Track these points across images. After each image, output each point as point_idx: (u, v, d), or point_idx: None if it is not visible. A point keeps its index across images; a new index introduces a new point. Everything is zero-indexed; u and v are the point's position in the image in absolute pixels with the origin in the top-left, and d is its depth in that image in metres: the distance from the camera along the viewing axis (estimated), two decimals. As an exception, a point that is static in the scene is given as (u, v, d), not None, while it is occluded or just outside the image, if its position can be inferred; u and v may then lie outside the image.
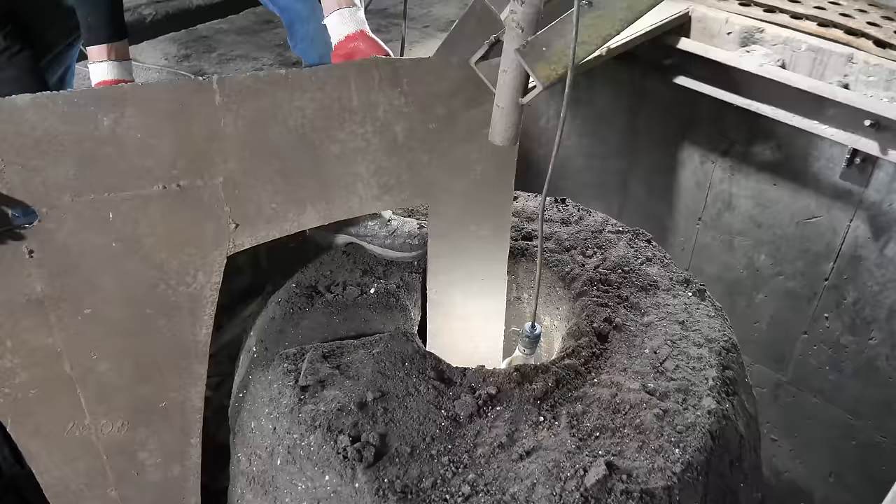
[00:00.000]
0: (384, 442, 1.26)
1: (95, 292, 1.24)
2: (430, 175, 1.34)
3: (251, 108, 1.14)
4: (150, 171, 1.16)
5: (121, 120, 1.12)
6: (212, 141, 1.15)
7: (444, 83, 1.22)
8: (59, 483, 1.44)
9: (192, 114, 1.13)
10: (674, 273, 1.68)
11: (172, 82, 1.15)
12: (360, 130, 1.22)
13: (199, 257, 1.25)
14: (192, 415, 1.41)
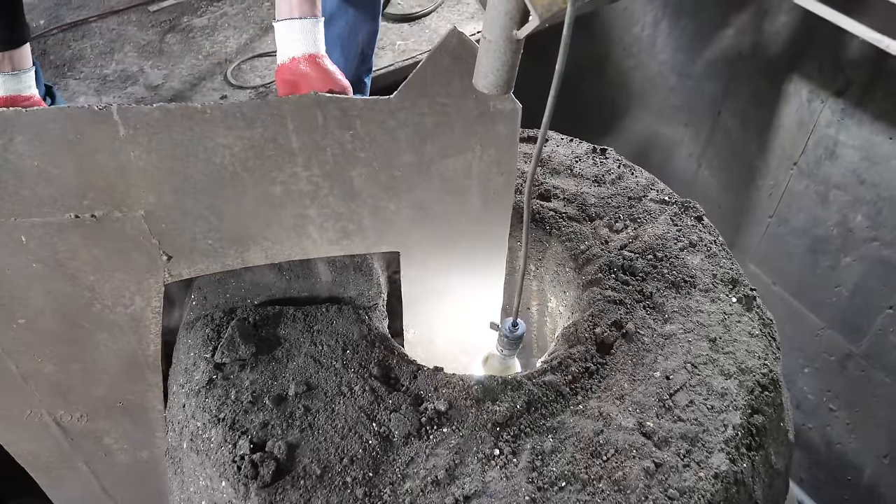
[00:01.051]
0: (292, 455, 1.22)
1: (25, 305, 1.37)
2: (400, 224, 1.31)
3: (164, 142, 1.12)
4: (57, 200, 1.20)
5: (10, 146, 1.13)
6: (122, 174, 1.15)
7: (410, 128, 1.13)
8: (30, 455, 1.74)
9: (94, 145, 1.12)
10: (720, 268, 1.60)
11: (64, 110, 1.10)
12: (304, 173, 1.18)
13: (133, 283, 1.33)
14: (153, 414, 1.60)
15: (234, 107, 1.08)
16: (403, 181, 1.23)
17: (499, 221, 1.36)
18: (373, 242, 1.34)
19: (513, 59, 1.05)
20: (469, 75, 1.03)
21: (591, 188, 1.77)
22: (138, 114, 1.08)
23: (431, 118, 1.13)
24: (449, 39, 1.03)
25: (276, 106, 1.09)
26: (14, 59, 1.29)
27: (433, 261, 1.37)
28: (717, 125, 2.55)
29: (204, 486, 1.27)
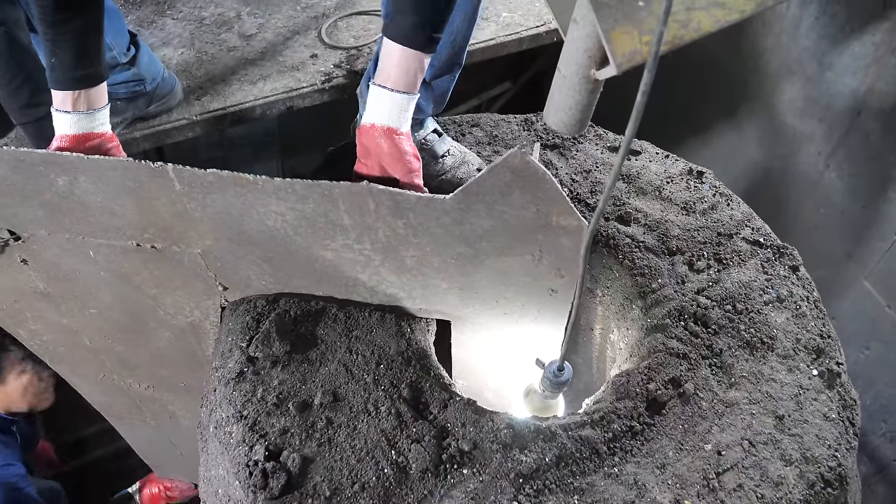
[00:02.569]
0: (305, 470, 1.20)
1: (96, 300, 1.51)
2: (451, 299, 1.31)
3: (218, 201, 1.16)
4: (120, 230, 1.28)
5: (76, 183, 1.20)
6: (179, 219, 1.21)
7: (465, 226, 1.11)
8: (105, 405, 1.96)
9: (152, 193, 1.18)
10: (807, 332, 1.52)
11: (123, 162, 1.14)
12: (356, 246, 1.20)
13: (192, 301, 1.43)
14: (208, 398, 1.73)
15: (287, 183, 1.10)
16: (456, 267, 1.24)
17: (558, 307, 1.34)
18: (422, 309, 1.37)
19: (588, 98, 1.00)
20: (531, 192, 0.99)
21: (677, 216, 1.68)
22: (193, 175, 1.13)
23: (488, 221, 1.12)
24: (512, 159, 0.99)
25: (328, 188, 1.11)
26: (90, 97, 1.32)
27: (484, 328, 1.38)
28: (855, 126, 2.32)
29: (221, 476, 1.31)
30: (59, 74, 1.26)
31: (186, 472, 2.30)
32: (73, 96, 1.28)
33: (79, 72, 1.27)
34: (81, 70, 1.27)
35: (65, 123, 1.28)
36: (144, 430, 2.07)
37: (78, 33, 1.25)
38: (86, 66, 1.27)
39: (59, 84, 1.27)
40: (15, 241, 1.37)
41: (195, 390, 1.78)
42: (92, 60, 1.28)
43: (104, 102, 1.31)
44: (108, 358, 1.71)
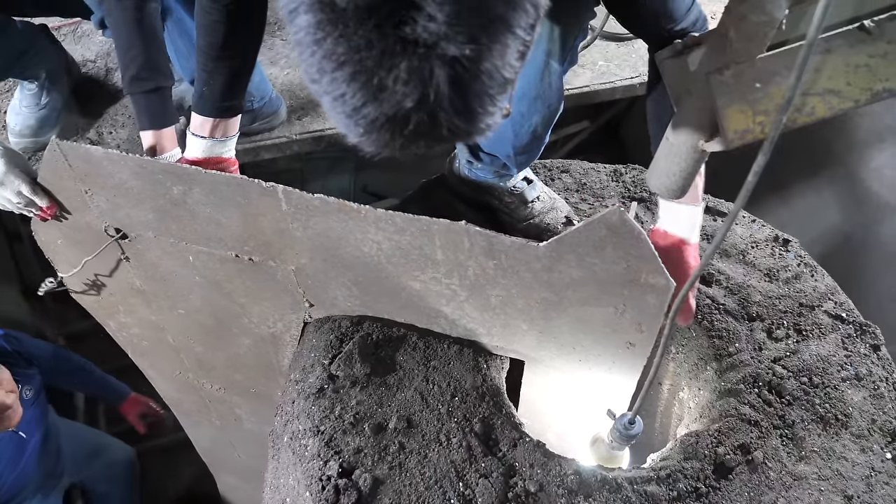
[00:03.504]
0: (375, 492, 1.25)
1: (186, 302, 1.60)
2: (528, 341, 1.35)
3: (320, 224, 1.23)
4: (223, 241, 1.36)
5: (189, 193, 1.30)
6: (281, 236, 1.29)
7: (554, 274, 1.16)
8: (176, 401, 2.06)
9: (259, 210, 1.26)
10: (883, 414, 1.51)
11: (236, 179, 1.24)
12: (445, 280, 1.25)
13: (278, 313, 1.50)
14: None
15: (388, 215, 1.17)
16: (539, 311, 1.28)
17: (633, 360, 1.36)
18: (499, 346, 1.41)
19: (693, 167, 1.04)
20: (624, 249, 1.03)
21: (759, 282, 1.69)
22: (300, 198, 1.20)
23: (577, 271, 1.16)
24: (610, 216, 1.03)
25: (427, 224, 1.17)
26: (227, 126, 1.43)
27: (557, 372, 1.41)
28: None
29: (291, 486, 1.35)
30: (207, 103, 1.38)
31: (242, 474, 2.38)
32: (212, 123, 1.39)
33: (225, 103, 1.39)
34: (227, 102, 1.39)
35: (198, 148, 1.41)
36: (208, 429, 2.16)
37: (233, 71, 1.37)
38: (231, 98, 1.39)
39: (204, 111, 1.39)
40: (122, 239, 1.48)
41: (264, 397, 1.86)
42: (238, 93, 1.41)
43: (236, 131, 1.43)
44: (187, 357, 1.81)
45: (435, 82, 0.68)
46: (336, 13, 0.66)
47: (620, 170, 1.88)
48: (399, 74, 0.67)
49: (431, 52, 0.66)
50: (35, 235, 1.59)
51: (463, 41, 0.66)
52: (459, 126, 0.73)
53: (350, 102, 0.71)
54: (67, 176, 1.38)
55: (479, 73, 0.69)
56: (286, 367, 1.68)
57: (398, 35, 0.66)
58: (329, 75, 0.70)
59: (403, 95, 0.69)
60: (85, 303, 1.73)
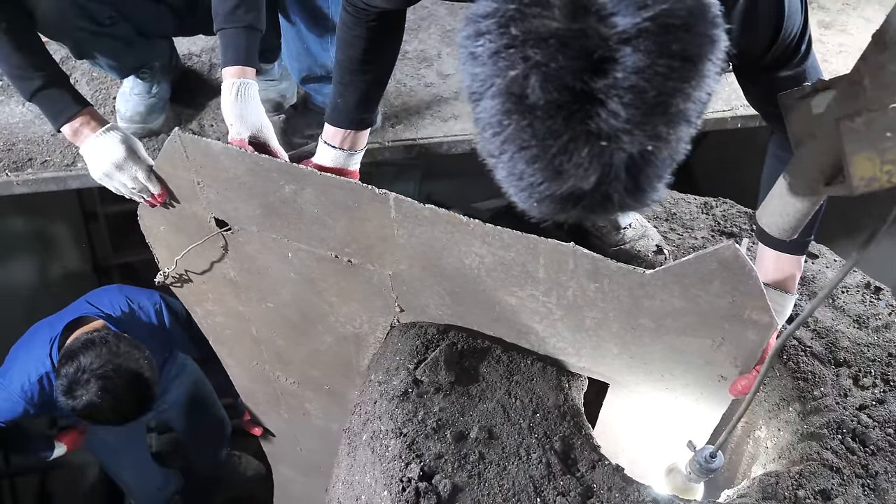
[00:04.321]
0: (453, 498, 1.27)
1: (276, 296, 1.66)
2: (617, 365, 1.38)
3: (426, 234, 1.27)
4: (325, 241, 1.42)
5: (301, 193, 1.35)
6: (384, 242, 1.34)
7: (656, 301, 1.18)
8: (247, 391, 2.13)
9: (367, 215, 1.31)
10: (966, 472, 1.50)
11: (350, 183, 1.30)
12: (542, 298, 1.28)
13: (366, 315, 1.56)
14: (350, 405, 1.86)
15: (496, 230, 1.21)
16: (633, 336, 1.30)
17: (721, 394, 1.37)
18: (585, 368, 1.44)
19: (808, 209, 1.05)
20: (732, 284, 1.05)
21: (848, 328, 1.68)
22: (411, 206, 1.25)
23: (680, 301, 1.18)
24: (723, 251, 1.05)
25: (534, 242, 1.21)
26: (356, 139, 1.50)
27: (640, 397, 1.43)
28: None
29: (368, 484, 1.37)
30: (340, 114, 1.46)
31: (301, 468, 2.45)
32: (342, 134, 1.47)
33: (356, 115, 1.46)
34: (359, 114, 1.46)
35: (327, 156, 1.48)
36: (275, 420, 2.23)
37: (368, 84, 1.44)
38: (363, 111, 1.47)
39: (336, 121, 1.47)
40: (225, 231, 1.56)
41: (337, 395, 1.92)
42: (371, 107, 1.48)
43: (365, 144, 1.49)
44: (266, 349, 1.88)
45: (614, 170, 0.73)
46: (524, 105, 0.72)
47: (711, 202, 1.90)
48: (580, 161, 0.73)
49: (613, 143, 0.72)
50: (140, 220, 1.68)
51: (644, 137, 0.72)
52: (630, 204, 0.79)
53: (528, 180, 0.77)
54: (183, 166, 1.46)
55: (655, 162, 0.75)
56: (365, 367, 1.73)
57: (584, 128, 0.71)
58: (509, 154, 0.76)
59: (581, 178, 0.74)
60: (177, 288, 1.82)
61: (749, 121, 2.18)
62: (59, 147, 1.98)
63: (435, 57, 2.23)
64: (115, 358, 2.09)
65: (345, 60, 1.40)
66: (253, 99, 1.49)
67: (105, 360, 2.08)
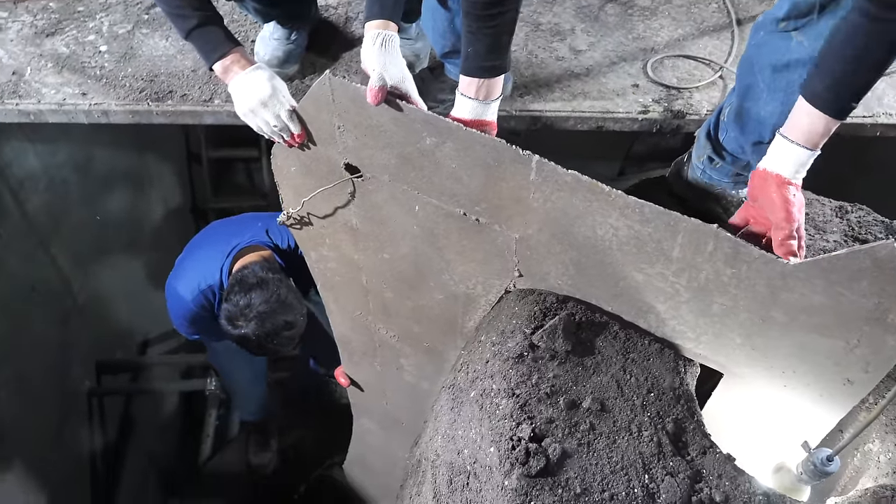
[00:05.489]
0: (562, 462, 1.30)
1: (394, 248, 1.72)
2: (736, 356, 1.37)
3: (562, 199, 1.30)
4: (456, 197, 1.46)
5: (441, 147, 1.40)
6: (517, 204, 1.37)
7: (793, 295, 1.17)
8: (346, 339, 2.22)
9: (505, 175, 1.34)
10: None
11: (493, 141, 1.33)
12: (671, 278, 1.29)
13: (482, 276, 1.59)
14: (447, 365, 1.92)
15: (637, 203, 1.23)
16: (761, 328, 1.29)
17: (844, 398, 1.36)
18: (701, 355, 1.43)
19: None
20: (881, 285, 1.04)
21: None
22: (553, 171, 1.28)
23: (820, 297, 1.17)
24: (880, 249, 1.04)
25: (676, 220, 1.21)
26: (490, 87, 1.53)
27: (754, 391, 1.43)
28: None
29: (472, 439, 1.42)
30: (471, 63, 1.50)
31: (382, 422, 2.54)
32: (477, 84, 1.50)
33: (487, 63, 1.49)
34: (489, 62, 1.49)
35: (465, 108, 1.52)
36: (367, 372, 2.31)
37: (495, 30, 1.47)
38: (494, 58, 1.50)
39: (469, 71, 1.51)
40: (356, 178, 1.63)
41: (434, 353, 1.98)
42: (501, 54, 1.50)
43: (498, 94, 1.53)
44: (373, 300, 1.95)
45: None
46: None
47: (846, 207, 1.85)
48: None
49: None
50: (272, 159, 1.76)
51: None
52: None
53: None
54: (327, 109, 1.53)
55: None
56: (469, 329, 1.78)
57: None
58: None
59: None
60: (296, 230, 1.91)
61: (889, 129, 2.11)
62: (198, 83, 2.09)
63: (568, 31, 2.24)
64: (278, 306, 2.37)
65: (470, 7, 1.44)
66: (395, 50, 1.54)
67: (270, 305, 2.36)
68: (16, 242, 2.88)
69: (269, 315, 2.37)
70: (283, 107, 1.58)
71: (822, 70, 1.30)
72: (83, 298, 3.45)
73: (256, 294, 2.38)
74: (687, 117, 1.98)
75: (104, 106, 2.00)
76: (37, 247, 3.08)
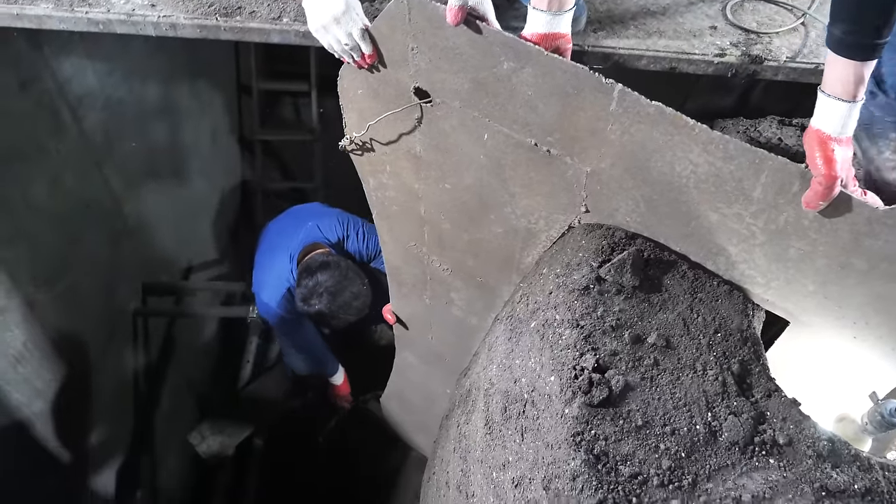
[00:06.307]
0: (624, 394, 1.30)
1: (457, 177, 1.72)
2: (806, 303, 1.34)
3: (641, 133, 1.27)
4: (529, 126, 1.45)
5: (519, 72, 1.38)
6: (593, 136, 1.35)
7: (878, 242, 1.14)
8: (397, 269, 2.24)
9: (584, 105, 1.32)
10: None
11: (576, 67, 1.30)
12: (748, 219, 1.26)
13: (546, 211, 1.59)
14: (499, 301, 1.93)
15: (721, 138, 1.20)
16: (838, 276, 1.27)
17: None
18: (769, 301, 1.42)
19: None
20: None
21: None
22: (635, 102, 1.26)
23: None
24: None
25: (761, 158, 1.19)
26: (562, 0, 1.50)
27: (821, 340, 1.41)
28: None
29: (531, 368, 1.44)
30: None
31: (424, 356, 2.57)
32: None
33: None
34: None
35: (538, 21, 1.48)
36: (415, 304, 2.34)
37: None
38: None
39: None
40: (424, 103, 1.61)
41: (486, 289, 1.99)
42: None
43: (571, 5, 1.49)
44: (429, 231, 1.96)
45: None
46: None
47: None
48: None
49: None
50: (339, 80, 1.75)
51: None
52: None
53: None
54: (401, 30, 1.51)
55: None
56: (526, 265, 1.78)
57: None
58: None
59: None
60: (356, 156, 1.91)
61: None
62: (267, 0, 2.08)
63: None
64: (344, 280, 2.96)
65: None
66: None
67: (336, 280, 2.94)
68: (73, 159, 2.92)
69: (337, 289, 2.92)
70: (355, 25, 1.57)
71: (835, 15, 1.26)
72: (133, 221, 3.51)
73: (322, 274, 2.94)
74: (765, 63, 1.91)
75: (172, 19, 2.00)
76: (92, 166, 3.12)
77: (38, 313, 2.69)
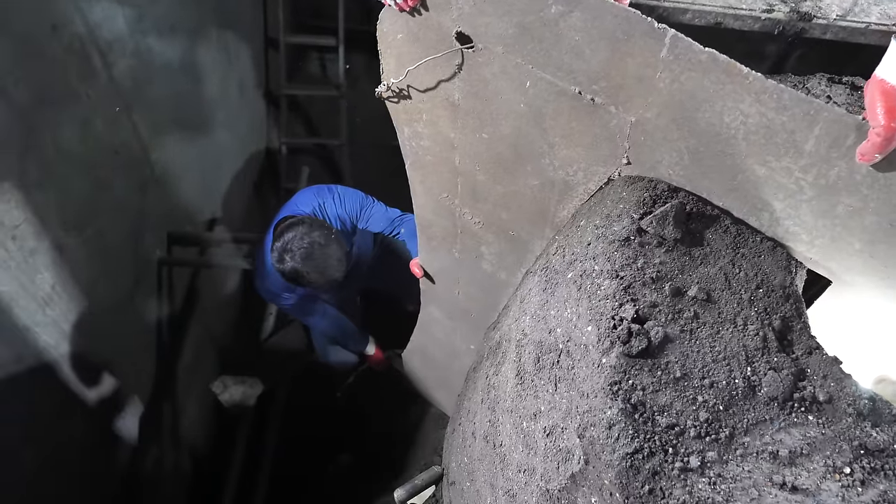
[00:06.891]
0: (663, 346, 1.29)
1: (495, 127, 1.70)
2: (851, 262, 1.32)
3: (692, 81, 1.24)
4: (574, 74, 1.42)
5: (567, 16, 1.35)
6: (640, 83, 1.32)
7: None
8: (427, 222, 2.23)
9: (633, 51, 1.29)
10: None
11: (629, 12, 1.27)
12: (797, 174, 1.23)
13: (585, 163, 1.56)
14: (530, 255, 1.92)
15: (775, 87, 1.17)
16: (886, 235, 1.25)
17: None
18: (812, 259, 1.39)
19: None
20: None
21: None
22: (687, 48, 1.22)
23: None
24: None
25: (817, 109, 1.16)
26: None
27: (862, 301, 1.39)
28: None
29: (567, 318, 1.44)
30: None
31: (450, 312, 2.57)
32: None
33: None
34: None
35: None
36: (444, 258, 2.33)
37: None
38: None
39: None
40: (466, 48, 1.59)
41: (518, 242, 1.98)
42: None
43: None
44: (463, 182, 1.94)
45: None
46: None
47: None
48: None
49: None
50: (379, 24, 1.73)
51: None
52: None
53: None
54: (446, -29, 1.49)
55: None
56: (561, 219, 1.76)
57: None
58: None
59: None
60: (392, 104, 1.89)
61: None
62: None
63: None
64: (311, 232, 2.90)
65: None
66: None
67: (303, 233, 2.90)
68: (102, 104, 2.93)
69: (307, 242, 2.88)
70: None
71: None
72: (160, 169, 3.52)
73: (289, 232, 2.93)
74: (814, 21, 1.87)
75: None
76: (121, 111, 3.13)
77: (67, 257, 2.72)
